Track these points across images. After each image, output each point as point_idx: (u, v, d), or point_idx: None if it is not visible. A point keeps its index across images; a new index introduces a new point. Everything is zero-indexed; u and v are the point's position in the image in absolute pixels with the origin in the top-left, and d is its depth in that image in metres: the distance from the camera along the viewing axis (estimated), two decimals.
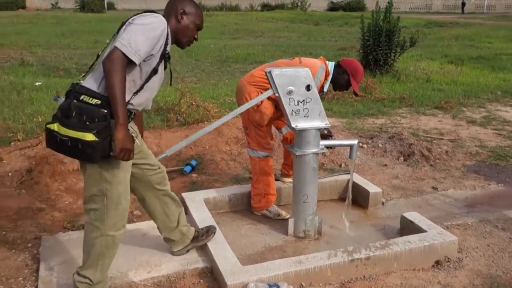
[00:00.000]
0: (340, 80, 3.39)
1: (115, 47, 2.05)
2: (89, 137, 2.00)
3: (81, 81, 2.17)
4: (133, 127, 2.32)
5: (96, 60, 2.26)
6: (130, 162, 2.25)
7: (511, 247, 3.03)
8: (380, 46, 8.65)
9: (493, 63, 10.80)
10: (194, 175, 4.20)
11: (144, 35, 2.09)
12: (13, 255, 2.86)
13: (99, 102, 2.06)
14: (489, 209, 3.60)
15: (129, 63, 2.08)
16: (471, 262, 2.84)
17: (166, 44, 2.23)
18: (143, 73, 2.19)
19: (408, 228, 3.09)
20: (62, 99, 2.14)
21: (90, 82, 2.14)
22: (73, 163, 4.01)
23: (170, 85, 2.73)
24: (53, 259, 2.73)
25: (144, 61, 2.14)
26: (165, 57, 2.26)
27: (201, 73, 9.37)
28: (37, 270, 2.68)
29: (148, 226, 3.12)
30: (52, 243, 2.92)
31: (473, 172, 4.39)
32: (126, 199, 2.30)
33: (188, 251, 2.83)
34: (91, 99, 2.07)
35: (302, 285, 2.54)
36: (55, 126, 2.08)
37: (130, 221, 3.29)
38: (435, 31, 19.78)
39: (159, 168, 2.59)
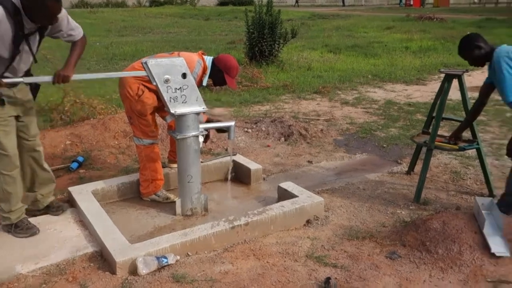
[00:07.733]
0: (217, 77, 3.57)
1: None
2: None
3: None
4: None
5: None
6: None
7: (368, 203, 3.56)
8: (264, 38, 9.12)
9: (366, 50, 11.94)
10: (81, 170, 4.20)
11: None
12: None
13: None
14: (354, 175, 4.15)
15: None
16: (336, 218, 3.30)
17: (16, 25, 2.62)
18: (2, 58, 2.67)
19: (284, 196, 3.46)
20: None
21: None
22: None
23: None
24: None
25: None
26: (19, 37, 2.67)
27: (86, 72, 9.06)
28: None
29: (34, 221, 3.11)
30: None
31: (342, 146, 4.97)
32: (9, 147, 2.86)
33: None
34: None
35: (188, 254, 2.76)
36: None
37: None
38: (318, 23, 21.11)
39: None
